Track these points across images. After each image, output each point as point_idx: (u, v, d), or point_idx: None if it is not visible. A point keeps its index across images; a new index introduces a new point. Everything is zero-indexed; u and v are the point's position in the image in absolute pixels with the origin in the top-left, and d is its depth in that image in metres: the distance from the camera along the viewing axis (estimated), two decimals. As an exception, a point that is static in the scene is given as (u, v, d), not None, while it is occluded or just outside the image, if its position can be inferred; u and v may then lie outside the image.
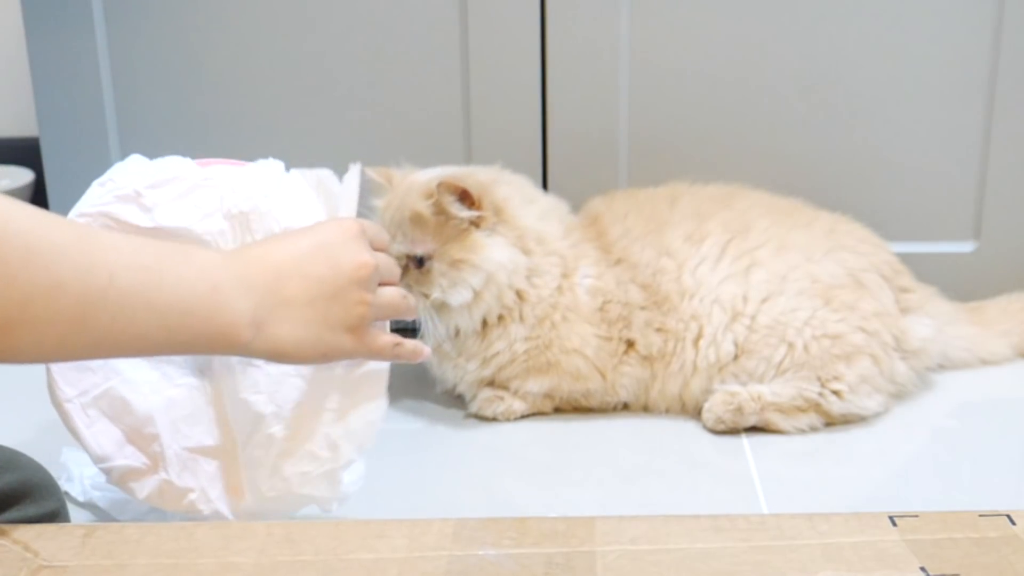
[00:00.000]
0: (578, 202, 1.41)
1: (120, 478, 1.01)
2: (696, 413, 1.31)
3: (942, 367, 1.39)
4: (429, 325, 1.28)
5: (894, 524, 0.72)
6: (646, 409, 1.34)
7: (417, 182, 1.29)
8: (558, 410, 1.35)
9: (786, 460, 1.24)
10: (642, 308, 1.31)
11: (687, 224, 1.34)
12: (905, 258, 1.39)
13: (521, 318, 1.30)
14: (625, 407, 1.35)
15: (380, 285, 0.92)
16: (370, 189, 1.33)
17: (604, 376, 1.32)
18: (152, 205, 0.99)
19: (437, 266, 1.26)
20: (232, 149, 1.10)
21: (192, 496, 1.00)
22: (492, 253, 1.27)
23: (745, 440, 1.28)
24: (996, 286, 1.49)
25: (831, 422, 1.29)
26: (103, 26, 1.47)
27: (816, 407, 1.28)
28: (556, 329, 1.30)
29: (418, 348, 0.97)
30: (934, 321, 1.37)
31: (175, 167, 1.03)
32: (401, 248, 1.26)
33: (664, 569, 0.68)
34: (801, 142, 1.48)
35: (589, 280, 1.32)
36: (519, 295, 1.30)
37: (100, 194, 1.00)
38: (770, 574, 0.68)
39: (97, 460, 1.01)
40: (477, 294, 1.27)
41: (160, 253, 0.79)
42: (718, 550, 0.70)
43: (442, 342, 1.31)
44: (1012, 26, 1.42)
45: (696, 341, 1.30)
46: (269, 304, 0.84)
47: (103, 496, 1.12)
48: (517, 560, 0.69)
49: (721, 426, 1.28)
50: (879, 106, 1.46)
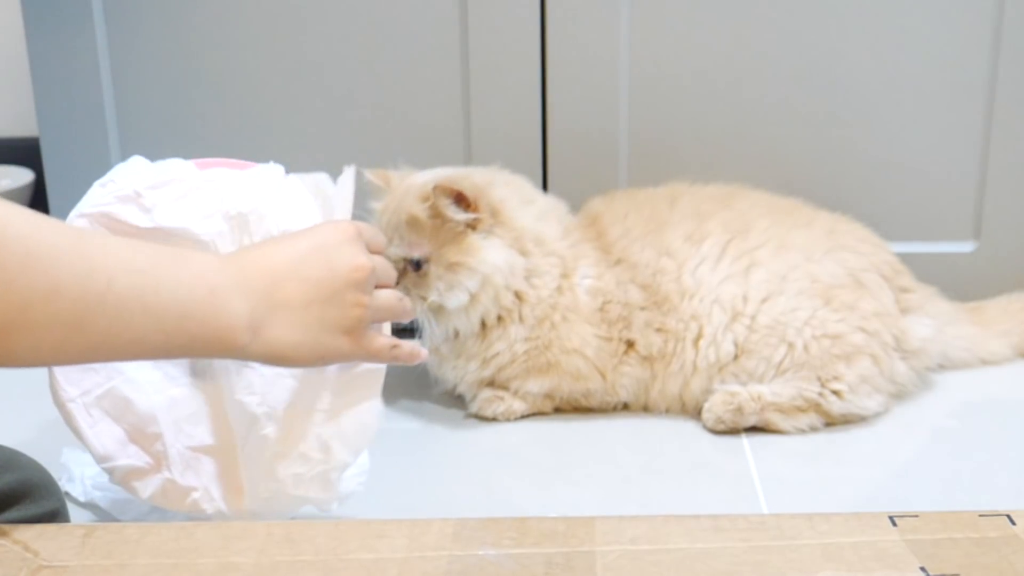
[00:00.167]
0: (578, 202, 1.41)
1: (123, 478, 1.01)
2: (696, 413, 1.31)
3: (942, 367, 1.39)
4: (428, 327, 1.28)
5: (894, 524, 0.72)
6: (646, 409, 1.34)
7: (414, 185, 1.29)
8: (558, 410, 1.35)
9: (786, 460, 1.24)
10: (642, 308, 1.31)
11: (687, 224, 1.34)
12: (905, 258, 1.39)
13: (521, 319, 1.30)
14: (625, 407, 1.35)
15: (376, 287, 0.92)
16: (368, 192, 1.33)
17: (604, 376, 1.32)
18: (152, 206, 0.99)
19: (434, 269, 1.26)
20: (232, 149, 1.10)
21: (195, 495, 1.00)
22: (488, 255, 1.27)
23: (745, 440, 1.28)
24: (996, 286, 1.49)
25: (831, 422, 1.29)
26: (103, 26, 1.47)
27: (816, 407, 1.28)
28: (556, 329, 1.30)
29: (415, 350, 0.97)
30: (934, 321, 1.37)
31: (175, 169, 1.03)
32: (398, 252, 1.26)
33: (664, 569, 0.68)
34: (801, 142, 1.48)
35: (589, 280, 1.32)
36: (518, 296, 1.30)
37: (101, 194, 1.00)
38: (770, 574, 0.68)
39: (100, 460, 1.01)
40: (473, 297, 1.27)
41: (157, 257, 0.79)
42: (718, 550, 0.70)
43: (441, 344, 1.31)
44: (1012, 26, 1.42)
45: (696, 341, 1.30)
46: (266, 307, 0.84)
47: (104, 496, 1.12)
48: (517, 560, 0.69)
49: (721, 426, 1.28)
50: (879, 106, 1.46)
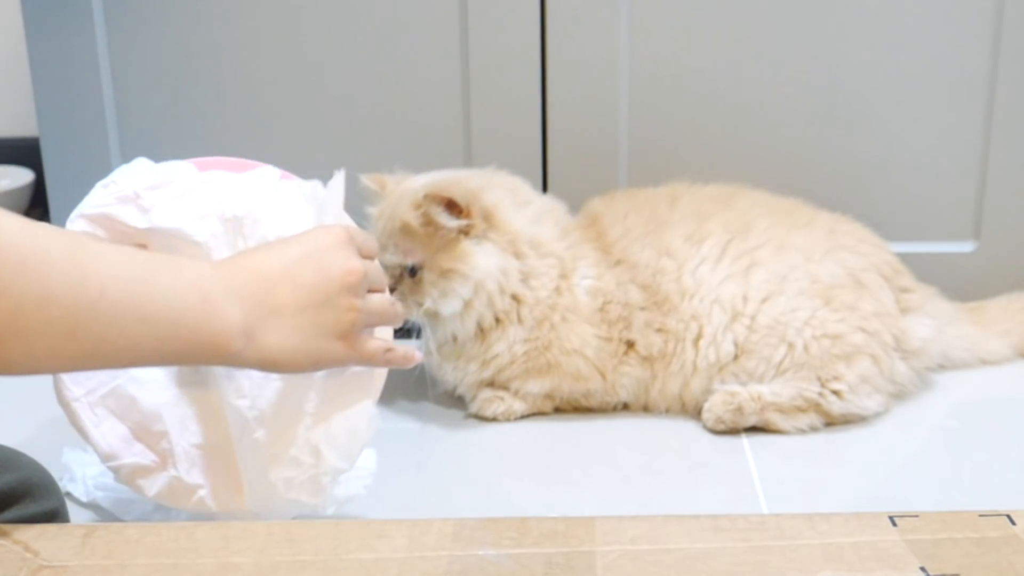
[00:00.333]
0: (578, 202, 1.41)
1: (129, 476, 1.01)
2: (696, 413, 1.31)
3: (942, 367, 1.39)
4: (426, 331, 1.28)
5: (894, 524, 0.72)
6: (646, 409, 1.34)
7: (407, 191, 1.29)
8: (558, 410, 1.35)
9: (786, 460, 1.24)
10: (642, 309, 1.31)
11: (687, 224, 1.34)
12: (905, 258, 1.39)
13: (520, 320, 1.30)
14: (625, 407, 1.35)
15: (368, 292, 0.92)
16: (364, 196, 1.33)
17: (604, 376, 1.32)
18: (150, 206, 0.98)
19: (428, 276, 1.26)
20: (232, 150, 1.10)
21: (201, 493, 1.00)
22: (480, 261, 1.26)
23: (745, 440, 1.28)
24: (996, 286, 1.49)
25: (831, 422, 1.29)
26: (103, 26, 1.47)
27: (816, 407, 1.28)
28: (555, 330, 1.30)
29: (409, 354, 0.97)
30: (934, 321, 1.37)
31: (175, 170, 1.02)
32: (394, 259, 1.26)
33: (664, 569, 0.68)
34: (801, 142, 1.48)
35: (588, 281, 1.32)
36: (515, 298, 1.29)
37: (102, 195, 1.00)
38: (770, 574, 0.68)
39: (105, 458, 1.01)
40: (467, 303, 1.27)
41: (150, 264, 0.79)
42: (718, 550, 0.70)
43: (441, 346, 1.31)
44: (1012, 26, 1.42)
45: (696, 341, 1.30)
46: (260, 313, 0.84)
47: (107, 496, 1.12)
48: (517, 560, 0.69)
49: (721, 426, 1.28)
50: (879, 106, 1.46)
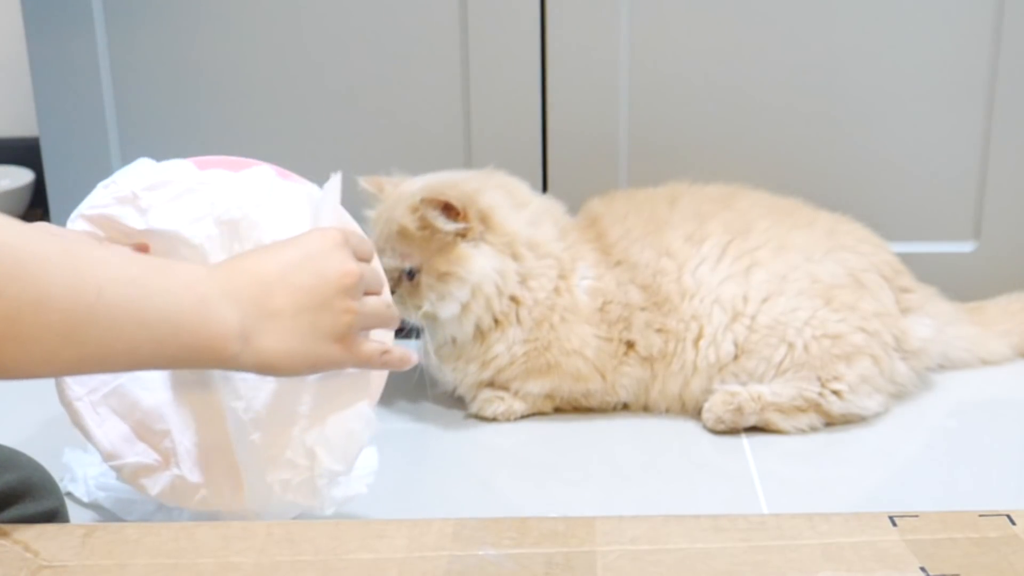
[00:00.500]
0: (578, 203, 1.41)
1: (131, 475, 1.01)
2: (696, 413, 1.31)
3: (942, 367, 1.39)
4: (425, 333, 1.29)
5: (894, 524, 0.72)
6: (646, 409, 1.34)
7: (404, 195, 1.29)
8: (558, 410, 1.35)
9: (786, 460, 1.24)
10: (642, 309, 1.31)
11: (687, 225, 1.33)
12: (905, 258, 1.39)
13: (519, 321, 1.30)
14: (625, 407, 1.35)
15: (364, 295, 0.92)
16: (362, 199, 1.33)
17: (604, 377, 1.32)
18: (147, 207, 0.98)
19: (425, 279, 1.26)
20: (231, 151, 1.10)
21: (204, 492, 0.99)
22: (477, 264, 1.26)
23: (745, 440, 1.28)
24: (996, 286, 1.49)
25: (831, 422, 1.29)
26: (103, 26, 1.47)
27: (816, 407, 1.28)
28: (555, 331, 1.30)
29: (406, 356, 0.97)
30: (934, 321, 1.37)
31: (174, 170, 1.02)
32: (391, 262, 1.26)
33: (664, 569, 0.68)
34: (801, 142, 1.48)
35: (588, 281, 1.32)
36: (514, 300, 1.29)
37: (102, 196, 1.00)
38: (770, 574, 0.67)
39: (108, 458, 1.01)
40: (465, 306, 1.27)
41: (147, 267, 0.79)
42: (718, 550, 0.70)
43: (441, 347, 1.31)
44: (1012, 26, 1.42)
45: (696, 341, 1.30)
46: (256, 316, 0.84)
47: (108, 496, 1.12)
48: (517, 560, 0.69)
49: (721, 426, 1.28)
50: (879, 106, 1.46)
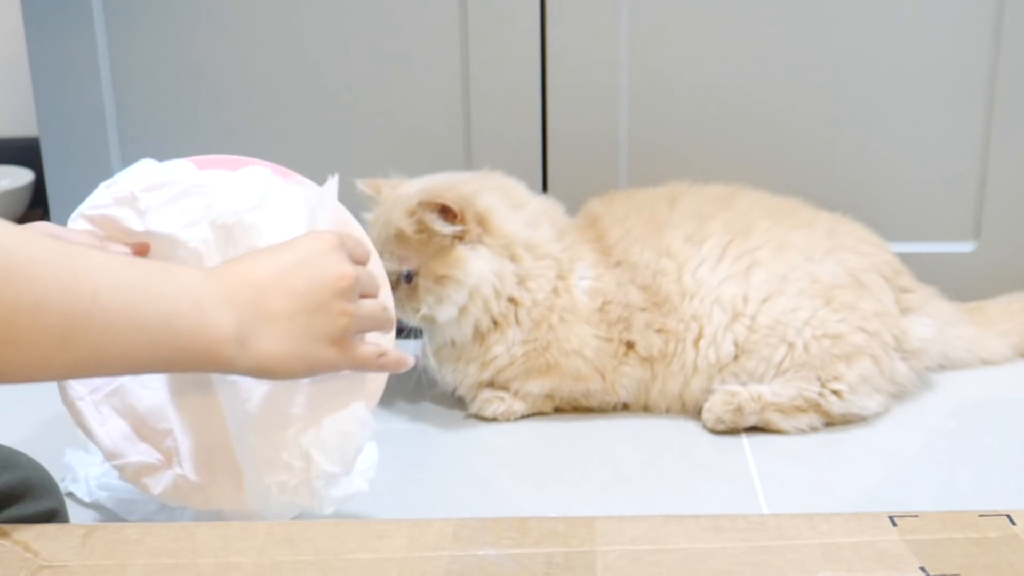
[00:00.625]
0: (578, 203, 1.41)
1: (134, 474, 1.01)
2: (696, 413, 1.31)
3: (942, 367, 1.39)
4: (425, 334, 1.29)
5: (894, 524, 0.72)
6: (646, 409, 1.34)
7: (401, 198, 1.29)
8: (558, 410, 1.35)
9: (786, 460, 1.24)
10: (642, 310, 1.31)
11: (687, 225, 1.33)
12: (905, 258, 1.39)
13: (518, 322, 1.30)
14: (625, 407, 1.35)
15: (361, 297, 0.92)
16: (360, 202, 1.32)
17: (604, 377, 1.32)
18: (146, 208, 0.98)
19: (423, 282, 1.26)
20: (231, 151, 1.10)
21: (207, 491, 0.99)
22: (475, 267, 1.26)
23: (745, 440, 1.28)
24: (996, 286, 1.49)
25: (831, 422, 1.29)
26: (103, 26, 1.47)
27: (816, 407, 1.28)
28: (554, 331, 1.30)
29: (402, 358, 0.97)
30: (934, 321, 1.37)
31: (173, 171, 1.02)
32: (389, 265, 1.26)
33: (664, 569, 0.68)
34: (801, 142, 1.48)
35: (587, 282, 1.32)
36: (512, 301, 1.29)
37: (103, 196, 1.00)
38: (770, 574, 0.68)
39: (110, 457, 1.01)
40: (463, 308, 1.27)
41: (143, 270, 0.79)
42: (718, 550, 0.70)
43: (439, 349, 1.32)
44: (1012, 26, 1.42)
45: (696, 341, 1.30)
46: (252, 320, 0.84)
47: (110, 497, 1.12)
48: (517, 560, 0.69)
49: (721, 426, 1.28)
50: (879, 106, 1.46)
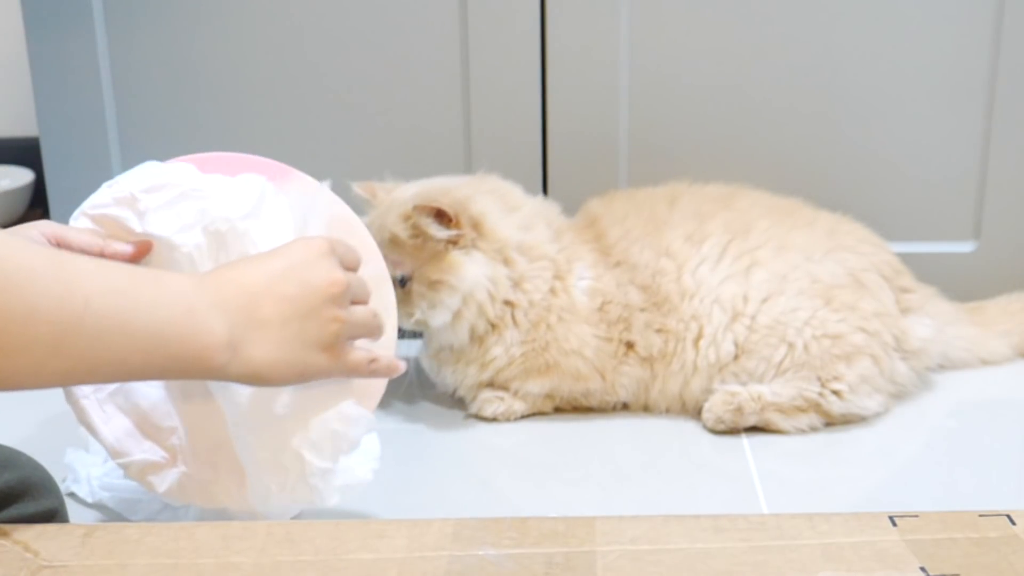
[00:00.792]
0: (578, 203, 1.40)
1: (139, 472, 1.00)
2: (696, 413, 1.31)
3: (942, 367, 1.39)
4: (423, 339, 1.29)
5: (894, 524, 0.72)
6: (646, 409, 1.34)
7: (395, 203, 1.28)
8: (558, 410, 1.35)
9: (786, 460, 1.24)
10: (642, 310, 1.31)
11: (687, 225, 1.33)
12: (905, 258, 1.39)
13: (515, 323, 1.30)
14: (625, 407, 1.35)
15: (352, 304, 0.92)
16: (355, 205, 1.32)
17: (604, 376, 1.31)
18: (144, 209, 0.98)
19: (416, 287, 1.26)
20: (231, 151, 1.10)
21: (213, 488, 0.99)
22: (468, 272, 1.26)
23: (745, 440, 1.28)
24: (996, 286, 1.49)
25: (831, 422, 1.29)
26: (103, 26, 1.47)
27: (816, 407, 1.28)
28: (552, 331, 1.30)
29: (393, 364, 0.97)
30: (934, 321, 1.37)
31: (174, 172, 1.02)
32: None
33: (664, 569, 0.68)
34: (801, 142, 1.48)
35: (586, 282, 1.32)
36: (508, 304, 1.29)
37: (105, 195, 1.00)
38: (770, 574, 0.68)
39: (114, 455, 1.01)
40: (456, 313, 1.27)
41: (135, 277, 0.79)
42: (718, 550, 0.70)
43: (438, 351, 1.32)
44: (1012, 26, 1.42)
45: (696, 341, 1.30)
46: (244, 326, 0.84)
47: (113, 496, 1.12)
48: (517, 560, 0.69)
49: (721, 426, 1.28)
50: (879, 106, 1.46)
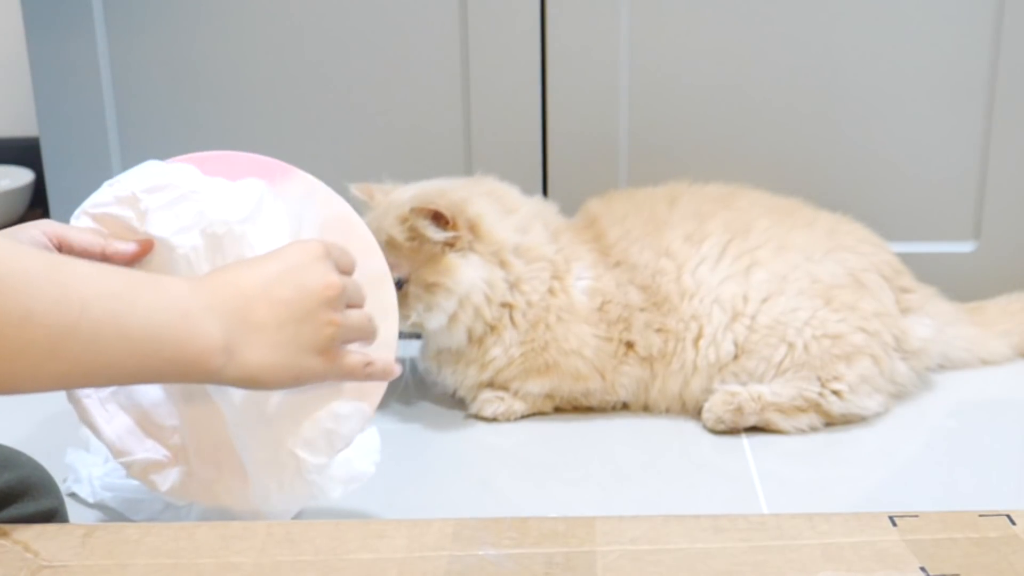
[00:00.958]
0: (578, 203, 1.40)
1: (141, 471, 1.00)
2: (696, 413, 1.31)
3: (942, 367, 1.39)
4: (422, 340, 1.29)
5: (894, 524, 0.72)
6: (646, 409, 1.34)
7: (392, 205, 1.28)
8: (558, 410, 1.35)
9: (786, 460, 1.24)
10: (642, 310, 1.31)
11: (687, 224, 1.33)
12: (905, 258, 1.39)
13: (514, 324, 1.30)
14: (625, 407, 1.35)
15: (347, 308, 0.92)
16: (354, 207, 1.32)
17: (604, 376, 1.31)
18: (145, 209, 0.98)
19: (413, 290, 1.26)
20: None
21: (216, 487, 0.99)
22: (465, 275, 1.26)
23: (745, 440, 1.28)
24: (996, 286, 1.49)
25: (831, 422, 1.29)
26: (103, 26, 1.47)
27: (816, 407, 1.28)
28: (551, 331, 1.30)
29: (389, 367, 0.96)
30: (934, 321, 1.37)
31: (175, 173, 1.02)
32: None
33: (664, 569, 0.68)
34: (801, 142, 1.48)
35: (585, 282, 1.32)
36: (506, 305, 1.29)
37: (106, 194, 1.00)
38: (770, 574, 0.68)
39: (117, 454, 1.01)
40: (453, 316, 1.27)
41: (130, 281, 0.79)
42: (718, 550, 0.70)
43: (438, 353, 1.32)
44: (1012, 26, 1.42)
45: (696, 341, 1.30)
46: (240, 330, 0.84)
47: (114, 496, 1.12)
48: (517, 560, 0.69)
49: (721, 426, 1.28)
50: (879, 106, 1.46)
